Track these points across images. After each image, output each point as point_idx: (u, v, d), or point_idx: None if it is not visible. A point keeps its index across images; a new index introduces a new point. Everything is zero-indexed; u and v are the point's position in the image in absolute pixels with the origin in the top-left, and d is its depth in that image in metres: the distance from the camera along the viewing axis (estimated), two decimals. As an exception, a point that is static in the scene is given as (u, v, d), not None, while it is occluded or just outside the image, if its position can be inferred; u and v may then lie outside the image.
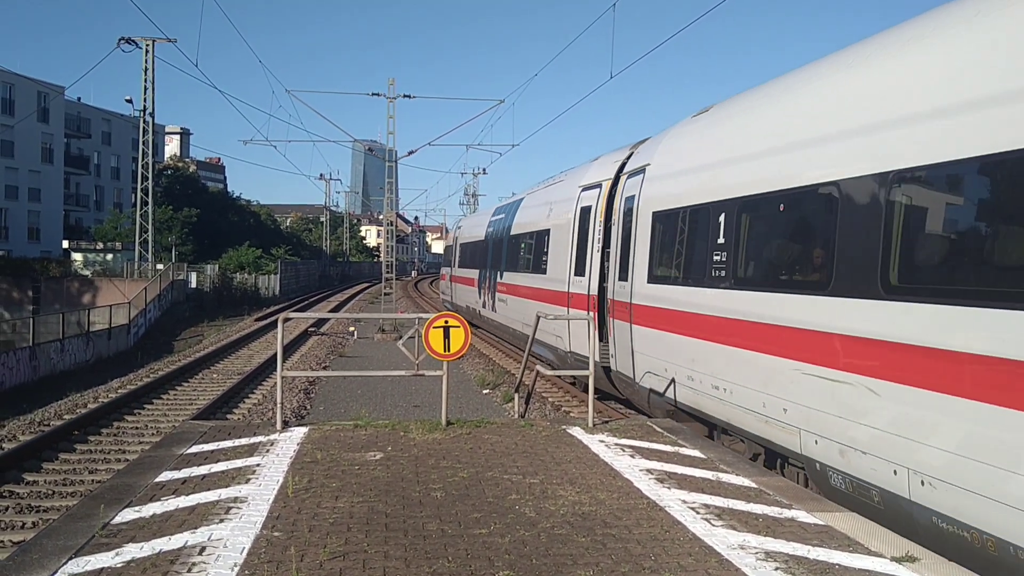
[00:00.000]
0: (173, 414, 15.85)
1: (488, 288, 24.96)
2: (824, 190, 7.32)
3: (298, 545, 5.30)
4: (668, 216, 10.81)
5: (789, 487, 7.09)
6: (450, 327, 9.01)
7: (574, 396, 16.74)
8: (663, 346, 10.68)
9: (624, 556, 5.24)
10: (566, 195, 16.70)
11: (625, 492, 6.72)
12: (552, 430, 9.23)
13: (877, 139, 6.68)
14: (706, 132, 10.71)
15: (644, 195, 11.76)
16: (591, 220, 14.44)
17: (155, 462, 7.46)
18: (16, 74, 61.40)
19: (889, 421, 6.27)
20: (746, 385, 8.45)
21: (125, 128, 72.93)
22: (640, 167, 12.24)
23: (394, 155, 37.57)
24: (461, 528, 5.72)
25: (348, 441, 8.40)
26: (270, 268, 61.31)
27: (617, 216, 12.98)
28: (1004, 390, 5.20)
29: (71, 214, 71.31)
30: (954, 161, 5.81)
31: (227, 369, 22.03)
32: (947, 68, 6.17)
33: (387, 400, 16.76)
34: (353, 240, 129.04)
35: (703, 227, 9.69)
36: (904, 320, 6.13)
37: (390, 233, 40.53)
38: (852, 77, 7.43)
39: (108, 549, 5.17)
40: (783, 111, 8.70)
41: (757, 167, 8.62)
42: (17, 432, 14.00)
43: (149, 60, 45.62)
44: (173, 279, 46.50)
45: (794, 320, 7.56)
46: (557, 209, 17.22)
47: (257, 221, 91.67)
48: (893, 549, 5.45)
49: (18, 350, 23.68)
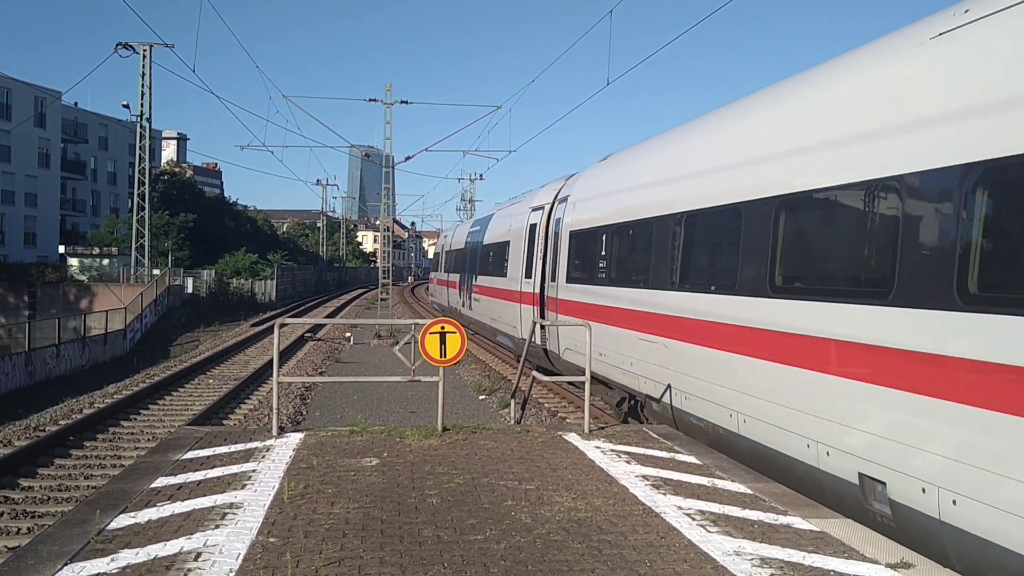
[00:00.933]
0: (169, 419, 15.81)
1: (466, 289, 28.20)
2: (647, 223, 11.17)
3: (294, 551, 5.29)
4: (578, 234, 14.59)
5: (785, 493, 7.10)
6: (446, 333, 9.02)
7: (570, 402, 16.78)
8: (572, 328, 13.86)
9: (620, 562, 5.25)
10: (521, 212, 20.36)
11: (621, 498, 6.73)
12: (548, 436, 9.24)
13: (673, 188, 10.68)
14: (600, 176, 14.65)
15: (566, 218, 15.50)
16: (536, 234, 17.83)
17: (151, 468, 7.45)
18: (13, 79, 61.39)
19: (667, 362, 10.26)
20: (615, 351, 12.00)
21: (122, 133, 72.95)
22: (565, 196, 16.04)
23: (391, 160, 37.63)
24: (457, 534, 5.73)
25: (344, 447, 8.40)
26: (266, 273, 61.25)
27: (550, 232, 16.67)
28: (723, 340, 8.83)
29: (67, 219, 71.22)
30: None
31: (223, 374, 22.00)
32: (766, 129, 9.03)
33: (383, 406, 16.76)
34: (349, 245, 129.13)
35: (595, 242, 13.44)
36: (662, 300, 10.40)
37: (386, 239, 40.52)
38: (681, 141, 11.36)
39: (103, 555, 5.16)
40: (648, 161, 12.39)
41: (618, 202, 12.64)
42: (12, 437, 13.97)
43: (146, 65, 45.69)
44: (169, 284, 46.47)
45: (636, 303, 11.30)
46: (515, 224, 20.72)
47: (254, 226, 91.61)
48: (888, 556, 5.47)
49: (14, 355, 23.63)
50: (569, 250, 14.94)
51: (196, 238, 66.02)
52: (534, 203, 19.14)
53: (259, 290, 58.64)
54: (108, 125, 75.17)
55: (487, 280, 24.18)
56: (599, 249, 13.20)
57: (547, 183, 19.86)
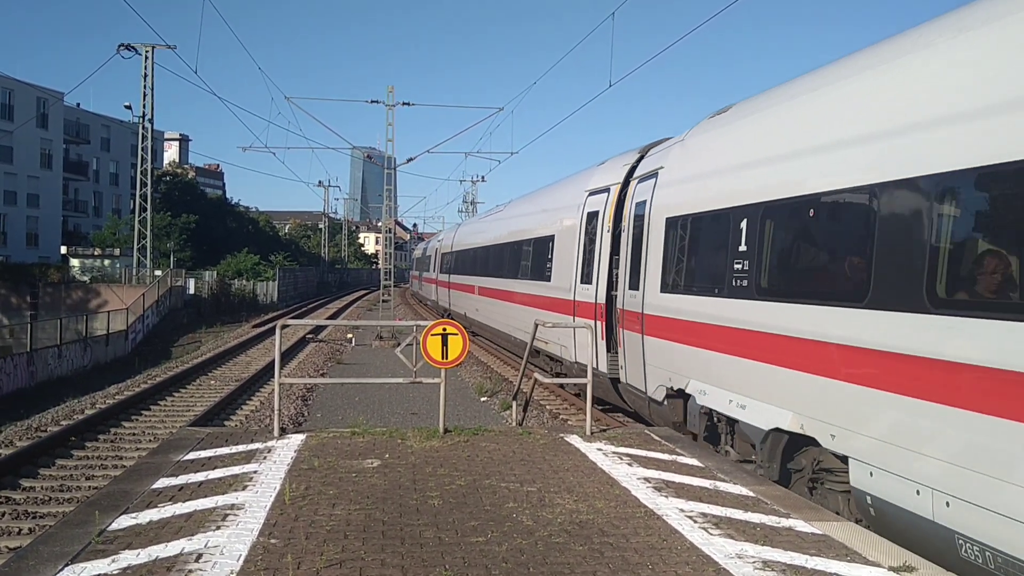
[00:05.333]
0: (170, 420, 15.81)
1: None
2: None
3: (295, 553, 5.29)
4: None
5: (787, 496, 7.09)
6: (448, 334, 9.00)
7: (572, 404, 16.73)
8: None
9: (621, 565, 5.23)
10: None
11: (622, 500, 6.71)
12: (550, 438, 9.22)
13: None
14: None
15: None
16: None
17: (152, 469, 7.45)
18: (15, 80, 61.41)
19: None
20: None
21: (124, 134, 72.96)
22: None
23: (393, 162, 37.63)
24: (458, 536, 5.72)
25: (345, 448, 8.39)
26: (268, 275, 61.28)
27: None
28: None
29: (69, 220, 71.22)
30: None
31: (225, 375, 22.00)
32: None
33: (385, 407, 16.74)
34: (351, 247, 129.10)
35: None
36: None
37: (388, 240, 40.51)
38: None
39: (104, 556, 5.16)
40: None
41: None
42: (14, 438, 13.96)
43: (148, 66, 45.71)
44: (171, 285, 46.46)
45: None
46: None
47: (256, 228, 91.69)
48: (891, 559, 5.45)
49: (15, 355, 23.63)
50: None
51: (198, 239, 66.07)
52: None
53: (261, 291, 58.67)
54: (110, 126, 75.22)
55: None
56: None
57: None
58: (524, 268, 20.14)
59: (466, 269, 30.49)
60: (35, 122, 59.93)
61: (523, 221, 21.40)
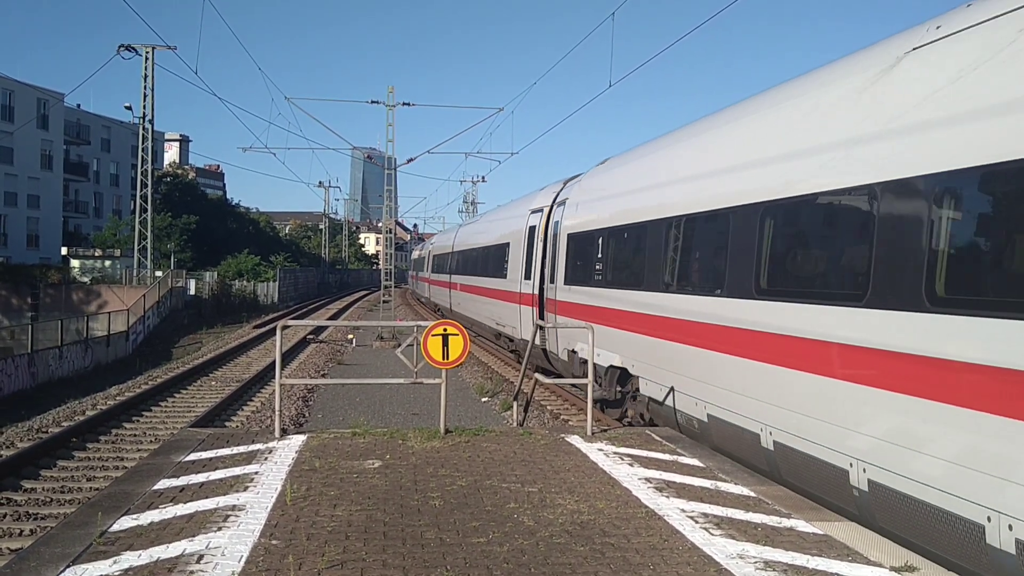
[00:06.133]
0: (171, 421, 15.82)
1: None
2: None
3: (296, 553, 5.29)
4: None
5: (788, 496, 7.09)
6: (449, 335, 9.00)
7: (573, 404, 16.74)
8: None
9: (623, 565, 5.24)
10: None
11: (624, 501, 6.72)
12: (551, 438, 9.23)
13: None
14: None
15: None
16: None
17: (153, 470, 7.45)
18: (16, 81, 61.42)
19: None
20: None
21: (124, 135, 73.04)
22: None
23: (393, 163, 37.63)
24: (459, 537, 5.72)
25: (346, 449, 8.39)
26: (269, 275, 61.31)
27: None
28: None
29: (70, 221, 71.28)
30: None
31: (225, 376, 22.01)
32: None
33: (385, 408, 16.75)
34: (352, 248, 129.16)
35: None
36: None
37: (389, 241, 40.53)
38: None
39: (106, 557, 5.16)
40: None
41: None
42: (15, 439, 13.96)
43: (149, 67, 45.73)
44: (172, 286, 46.48)
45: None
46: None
47: (256, 228, 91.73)
48: (892, 559, 5.45)
49: (16, 357, 23.65)
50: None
51: (198, 240, 66.12)
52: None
53: (261, 292, 58.69)
54: (111, 127, 75.30)
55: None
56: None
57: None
58: (486, 268, 25.05)
59: (448, 269, 35.69)
60: (35, 123, 60.01)
61: (488, 230, 26.33)
